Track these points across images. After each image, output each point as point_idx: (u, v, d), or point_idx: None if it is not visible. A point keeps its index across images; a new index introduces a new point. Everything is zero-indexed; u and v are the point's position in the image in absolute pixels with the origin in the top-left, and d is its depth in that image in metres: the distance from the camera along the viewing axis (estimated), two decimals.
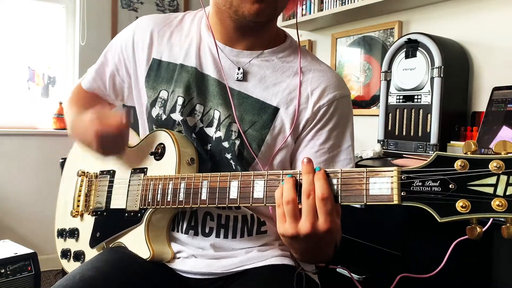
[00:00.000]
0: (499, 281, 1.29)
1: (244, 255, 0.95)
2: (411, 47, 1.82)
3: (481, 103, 1.84)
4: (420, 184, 0.59)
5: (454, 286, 1.38)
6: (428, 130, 1.76)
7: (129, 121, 0.90)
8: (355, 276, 1.56)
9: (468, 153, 0.58)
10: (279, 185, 0.70)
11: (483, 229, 0.70)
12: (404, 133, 1.86)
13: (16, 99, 2.98)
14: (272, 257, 0.94)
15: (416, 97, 1.81)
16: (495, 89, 1.58)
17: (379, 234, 1.61)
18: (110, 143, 0.90)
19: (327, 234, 0.66)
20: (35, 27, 3.01)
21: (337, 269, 1.62)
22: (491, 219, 0.65)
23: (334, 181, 0.67)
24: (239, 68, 0.94)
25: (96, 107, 0.94)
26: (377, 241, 1.60)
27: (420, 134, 1.80)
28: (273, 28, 0.99)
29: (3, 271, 1.87)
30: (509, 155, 0.55)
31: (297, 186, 0.68)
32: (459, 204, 0.56)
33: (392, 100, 1.90)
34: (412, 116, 1.82)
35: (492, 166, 0.55)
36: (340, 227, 0.71)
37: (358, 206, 1.67)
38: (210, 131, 0.94)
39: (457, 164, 0.57)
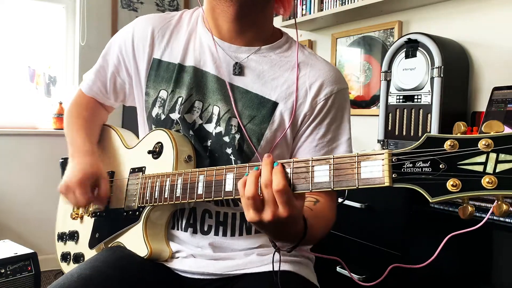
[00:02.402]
0: (499, 280, 1.29)
1: (244, 258, 0.95)
2: (411, 47, 1.82)
3: (481, 103, 1.84)
4: (411, 165, 0.60)
5: (454, 285, 1.38)
6: (428, 130, 1.76)
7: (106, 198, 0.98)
8: (354, 276, 1.56)
9: (458, 133, 0.58)
10: (243, 176, 0.73)
11: (478, 226, 0.70)
12: (404, 133, 1.86)
13: (16, 99, 2.98)
14: (271, 262, 0.94)
15: (416, 97, 1.81)
16: (495, 89, 1.58)
17: (378, 234, 1.61)
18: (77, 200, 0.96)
19: (289, 219, 0.69)
20: (35, 27, 3.02)
21: (337, 269, 1.62)
22: (487, 216, 0.65)
23: (288, 170, 0.70)
24: (237, 63, 0.94)
25: (89, 158, 0.99)
26: (376, 241, 1.60)
27: (420, 134, 1.79)
28: (270, 24, 0.99)
29: (3, 271, 1.87)
30: (498, 133, 0.55)
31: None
32: (449, 184, 0.57)
33: (392, 100, 1.90)
34: (412, 116, 1.82)
35: (481, 144, 0.55)
36: (302, 209, 0.74)
37: (358, 206, 1.67)
38: (210, 127, 0.94)
39: (447, 144, 0.57)
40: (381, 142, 1.94)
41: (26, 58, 3.00)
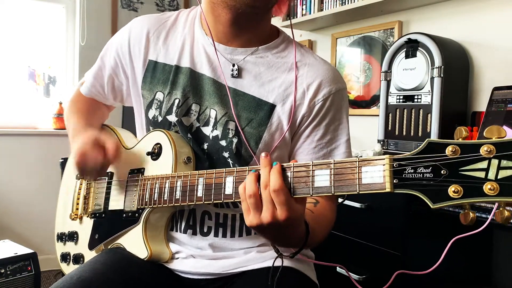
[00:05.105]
0: (499, 281, 1.29)
1: (243, 256, 0.95)
2: (411, 47, 1.82)
3: (481, 103, 1.84)
4: (412, 171, 0.59)
5: (454, 286, 1.38)
6: (428, 130, 1.76)
7: (117, 156, 0.92)
8: (354, 276, 1.56)
9: (460, 139, 0.58)
10: (244, 180, 0.73)
11: (481, 228, 0.70)
12: (404, 133, 1.86)
13: (16, 99, 2.98)
14: (271, 258, 0.94)
15: (416, 97, 1.81)
16: (495, 89, 1.58)
17: (378, 234, 1.61)
18: (88, 170, 0.92)
19: (288, 221, 0.69)
20: (35, 27, 3.02)
21: (337, 269, 1.62)
22: (489, 219, 0.65)
23: (288, 173, 0.69)
24: (233, 65, 0.93)
25: (93, 131, 0.96)
26: (376, 241, 1.60)
27: (420, 134, 1.79)
28: (268, 25, 0.98)
29: (3, 271, 1.86)
30: (500, 139, 0.55)
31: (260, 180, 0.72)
32: (451, 190, 0.56)
33: (392, 100, 1.90)
34: (412, 116, 1.82)
35: (483, 150, 0.55)
36: (303, 213, 0.73)
37: (358, 206, 1.66)
38: (207, 130, 0.93)
39: (448, 150, 0.57)
40: (381, 142, 1.94)
41: (26, 58, 3.00)
